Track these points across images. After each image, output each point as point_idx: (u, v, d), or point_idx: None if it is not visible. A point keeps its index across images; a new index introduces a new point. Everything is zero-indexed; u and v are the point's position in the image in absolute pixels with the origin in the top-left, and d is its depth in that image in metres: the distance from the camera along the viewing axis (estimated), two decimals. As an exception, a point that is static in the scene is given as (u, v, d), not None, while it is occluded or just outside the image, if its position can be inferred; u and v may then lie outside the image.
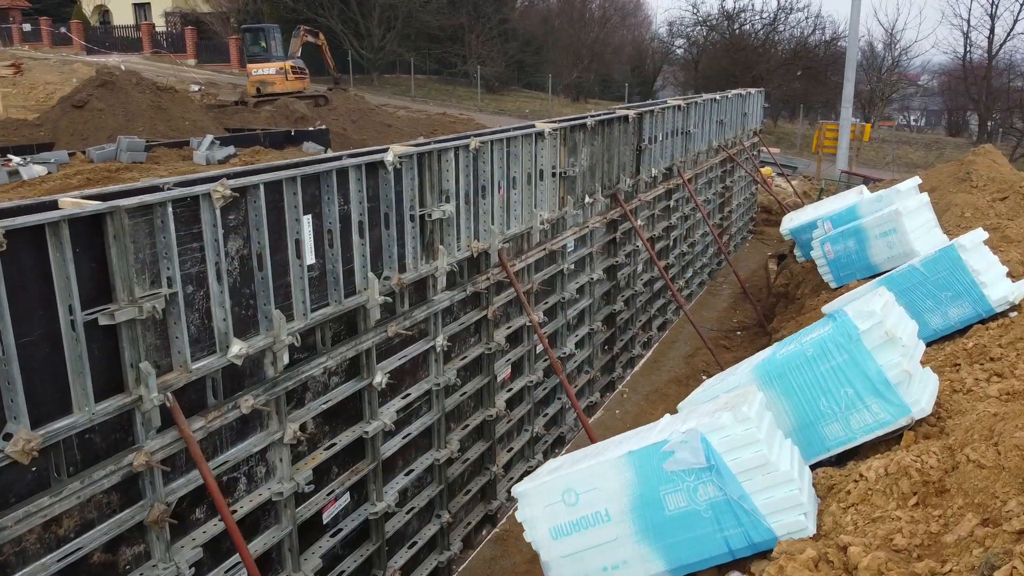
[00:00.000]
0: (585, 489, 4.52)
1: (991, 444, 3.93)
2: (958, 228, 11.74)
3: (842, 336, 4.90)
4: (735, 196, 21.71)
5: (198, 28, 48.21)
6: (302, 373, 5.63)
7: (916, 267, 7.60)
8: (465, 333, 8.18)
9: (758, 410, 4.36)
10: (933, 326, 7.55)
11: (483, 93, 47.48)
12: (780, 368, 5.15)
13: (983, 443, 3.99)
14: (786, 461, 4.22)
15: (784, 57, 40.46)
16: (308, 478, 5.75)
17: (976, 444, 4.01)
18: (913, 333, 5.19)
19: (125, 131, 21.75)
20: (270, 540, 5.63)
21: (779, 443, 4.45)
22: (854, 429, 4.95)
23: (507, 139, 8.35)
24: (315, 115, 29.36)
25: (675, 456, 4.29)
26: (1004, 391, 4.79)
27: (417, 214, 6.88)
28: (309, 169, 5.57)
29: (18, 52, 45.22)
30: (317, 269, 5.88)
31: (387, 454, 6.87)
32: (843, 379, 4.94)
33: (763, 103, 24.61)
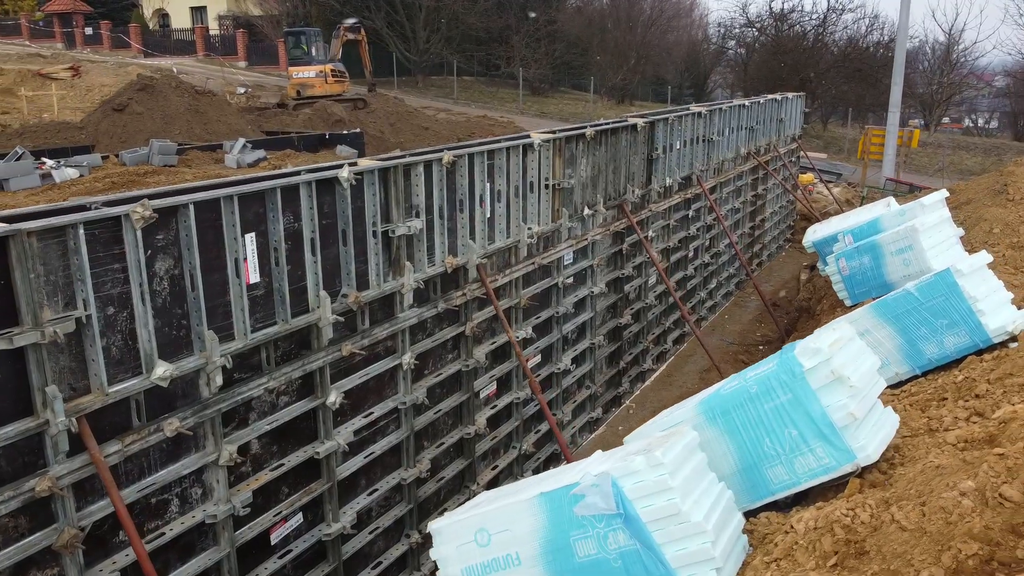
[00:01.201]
0: (497, 530, 4.30)
1: (919, 503, 3.59)
2: (984, 245, 11.12)
3: (786, 374, 4.58)
4: (769, 204, 21.10)
5: (249, 31, 49.18)
6: (239, 394, 5.54)
7: (911, 291, 7.15)
8: (441, 350, 8.02)
9: (678, 454, 4.09)
10: (928, 355, 7.10)
11: (528, 95, 47.28)
12: (724, 405, 4.85)
13: (911, 501, 3.65)
14: (702, 511, 3.94)
15: (834, 59, 39.17)
16: (246, 500, 5.66)
17: (905, 502, 3.67)
18: (869, 371, 4.83)
19: (163, 134, 22.24)
20: (207, 562, 5.56)
21: (702, 489, 4.16)
22: (798, 473, 4.63)
23: (488, 151, 8.16)
24: (353, 118, 29.57)
25: (586, 500, 4.05)
26: (963, 438, 4.40)
27: (380, 230, 6.74)
28: (249, 187, 5.48)
29: (78, 55, 46.81)
30: (263, 288, 5.79)
31: (345, 474, 6.75)
32: (787, 419, 4.62)
33: (803, 108, 23.84)
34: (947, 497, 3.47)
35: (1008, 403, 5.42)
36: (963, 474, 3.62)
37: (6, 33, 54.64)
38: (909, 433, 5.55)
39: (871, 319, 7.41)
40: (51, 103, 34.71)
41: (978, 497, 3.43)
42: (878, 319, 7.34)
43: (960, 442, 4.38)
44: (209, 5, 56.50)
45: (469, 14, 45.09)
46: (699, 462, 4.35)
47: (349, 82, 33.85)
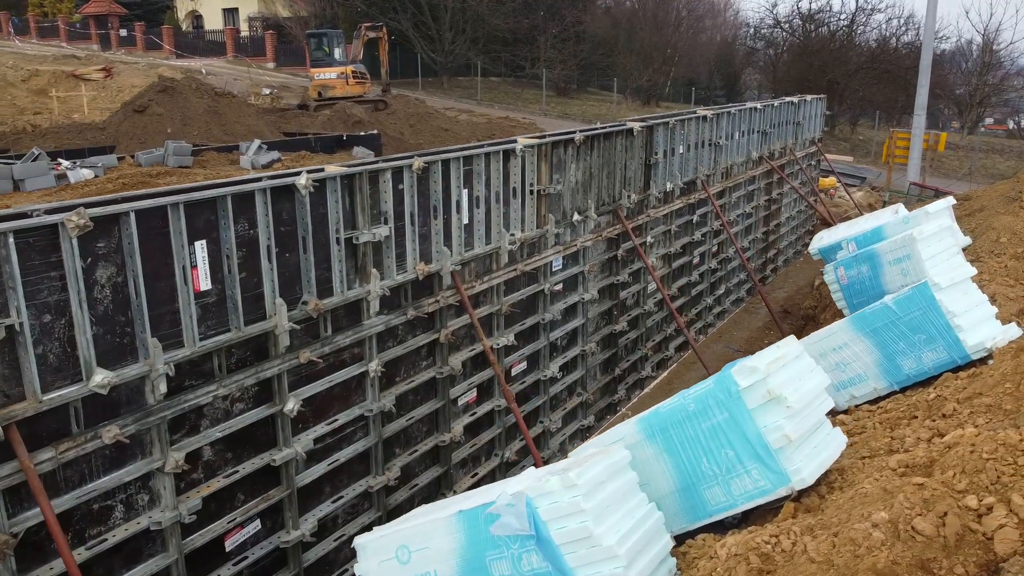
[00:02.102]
0: (417, 547, 4.24)
1: (832, 533, 3.44)
2: (990, 255, 10.81)
3: (722, 392, 4.45)
4: (785, 209, 20.74)
5: (278, 32, 49.72)
6: (186, 402, 5.54)
7: (888, 305, 6.93)
8: (414, 356, 7.97)
9: (596, 475, 3.98)
10: (906, 371, 6.88)
11: (553, 96, 47.12)
12: (663, 423, 4.73)
13: (827, 531, 3.50)
14: (616, 534, 3.83)
15: (862, 60, 38.32)
16: (193, 507, 5.66)
17: (821, 531, 3.53)
18: (813, 391, 4.66)
19: (181, 135, 22.54)
20: (154, 567, 5.57)
21: (624, 511, 4.04)
22: (735, 495, 4.49)
23: (463, 157, 8.09)
24: (373, 120, 29.71)
25: (501, 520, 3.96)
26: (904, 463, 4.21)
27: (343, 237, 6.71)
28: (197, 195, 5.48)
29: (112, 57, 47.73)
30: (214, 295, 5.78)
31: (305, 481, 6.73)
32: (724, 439, 4.49)
33: (823, 110, 23.39)
34: (858, 528, 3.32)
35: (972, 424, 5.22)
36: (880, 504, 3.46)
37: (44, 35, 55.97)
38: (868, 453, 5.37)
39: (849, 332, 7.21)
40: (82, 104, 35.47)
41: (890, 529, 3.28)
42: (856, 332, 7.14)
43: (901, 467, 4.21)
44: (240, 6, 57.27)
45: (494, 15, 45.07)
46: (625, 482, 4.24)
47: (371, 83, 34.03)
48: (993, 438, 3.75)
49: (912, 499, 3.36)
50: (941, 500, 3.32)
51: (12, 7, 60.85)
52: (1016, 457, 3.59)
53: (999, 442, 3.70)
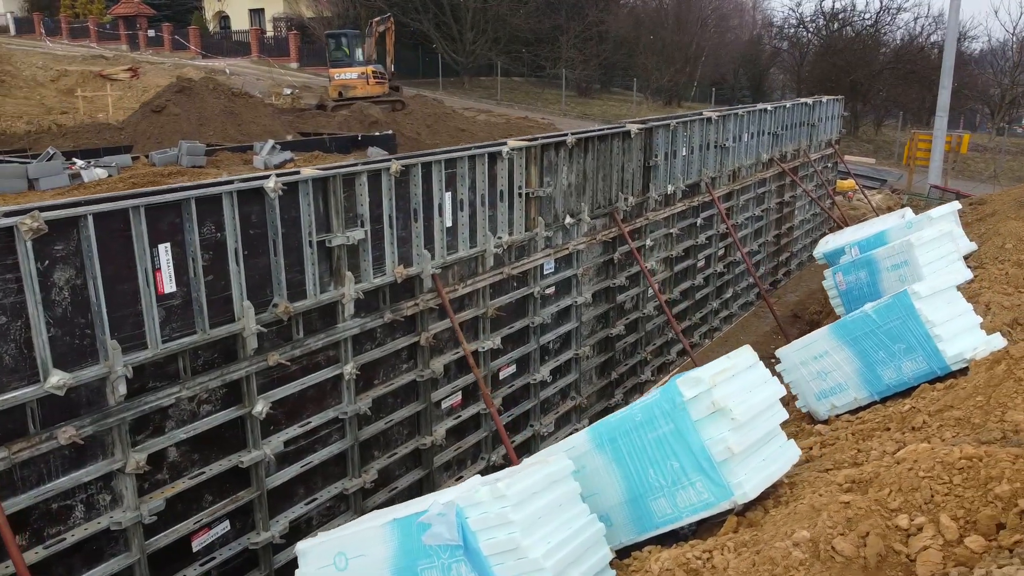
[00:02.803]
0: (355, 554, 4.22)
1: (755, 551, 3.36)
2: (995, 261, 10.57)
3: (668, 403, 4.37)
4: (800, 212, 20.46)
5: (302, 32, 50.14)
6: (147, 403, 5.58)
7: (869, 313, 6.79)
8: (394, 359, 7.97)
9: (528, 486, 3.93)
10: (887, 380, 6.73)
11: (574, 96, 46.99)
12: (612, 432, 4.66)
13: (751, 548, 3.42)
14: (545, 547, 3.78)
15: (887, 60, 37.63)
16: (155, 508, 5.69)
17: (746, 548, 3.45)
18: (763, 403, 4.57)
19: (197, 135, 22.82)
20: (116, 567, 5.62)
21: (558, 523, 3.99)
22: (680, 507, 4.42)
23: (446, 160, 8.07)
24: (389, 120, 29.85)
25: (432, 530, 3.93)
26: (851, 478, 4.10)
27: (315, 240, 6.72)
28: (159, 198, 5.51)
29: (139, 57, 48.46)
30: (179, 297, 5.82)
31: (277, 483, 6.75)
32: (669, 451, 4.42)
33: (841, 111, 23.03)
34: (779, 547, 3.24)
35: (939, 438, 5.09)
36: (806, 521, 3.37)
37: (76, 36, 57.01)
38: (832, 466, 5.26)
39: (830, 341, 7.07)
40: (107, 104, 36.06)
41: (810, 549, 3.19)
42: (837, 341, 7.00)
43: (848, 482, 4.10)
44: (267, 7, 57.90)
45: (515, 15, 45.04)
46: (565, 493, 4.18)
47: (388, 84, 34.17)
48: (932, 455, 3.63)
49: (835, 517, 3.27)
50: (864, 519, 3.22)
51: (45, 8, 62.12)
52: (952, 475, 3.48)
53: (937, 459, 3.58)
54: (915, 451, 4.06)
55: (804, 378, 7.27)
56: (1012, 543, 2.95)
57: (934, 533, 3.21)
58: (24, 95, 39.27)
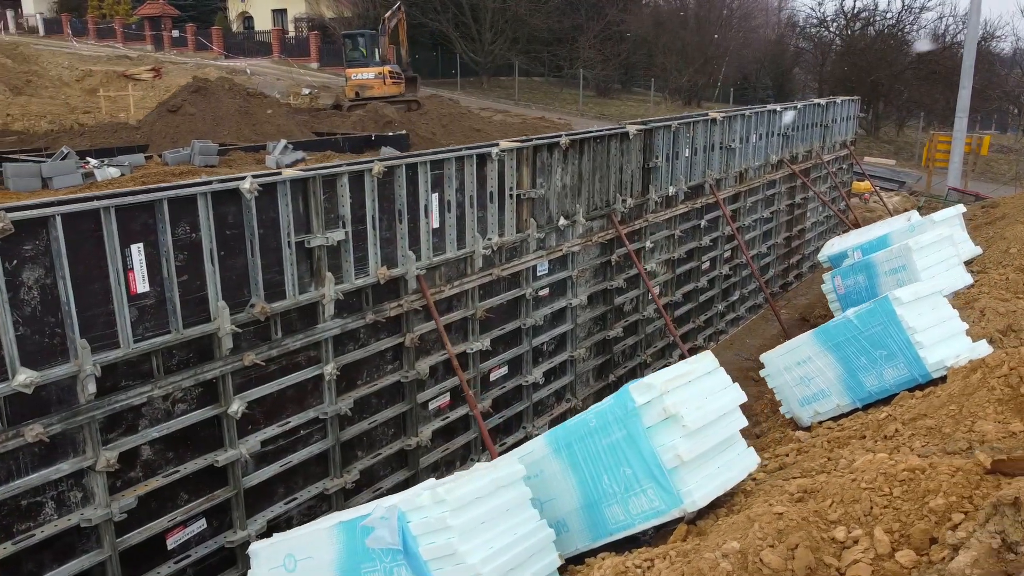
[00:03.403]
0: (303, 556, 4.23)
1: (686, 562, 3.31)
2: (998, 266, 10.37)
3: (620, 409, 4.34)
4: (813, 213, 20.22)
5: (323, 33, 50.48)
6: (117, 402, 5.63)
7: (851, 319, 6.68)
8: (379, 360, 7.98)
9: (471, 491, 3.92)
10: (868, 387, 6.62)
11: (593, 96, 46.85)
12: (568, 437, 4.64)
13: (683, 559, 3.37)
14: (483, 553, 3.76)
15: (909, 61, 37.03)
16: (126, 506, 5.75)
17: (679, 559, 3.40)
18: (719, 410, 4.51)
19: (213, 135, 23.04)
20: (87, 563, 5.68)
21: (502, 529, 3.97)
22: (632, 514, 4.38)
23: (431, 161, 8.07)
24: (404, 120, 29.94)
25: (375, 533, 3.93)
26: (804, 487, 4.03)
27: (294, 241, 6.75)
28: (131, 199, 5.57)
29: (163, 57, 49.09)
30: (153, 297, 5.87)
31: (254, 482, 6.79)
32: (622, 457, 4.38)
33: (857, 112, 22.73)
34: (708, 558, 3.19)
35: (908, 447, 5.00)
36: (739, 532, 3.32)
37: (102, 36, 57.90)
38: (799, 474, 5.18)
39: (812, 346, 6.97)
40: (129, 104, 36.57)
41: (739, 560, 3.14)
42: (819, 346, 6.90)
43: (800, 492, 4.03)
44: (289, 7, 58.40)
45: (534, 15, 44.99)
46: (513, 498, 4.16)
47: (405, 84, 34.26)
48: (877, 466, 3.56)
49: (766, 529, 3.21)
50: (795, 531, 3.16)
51: (74, 10, 63.17)
52: (893, 487, 3.41)
53: (880, 471, 3.51)
54: (869, 461, 3.98)
55: (788, 384, 7.17)
56: (941, 558, 2.88)
57: (867, 547, 3.14)
58: (50, 95, 39.97)
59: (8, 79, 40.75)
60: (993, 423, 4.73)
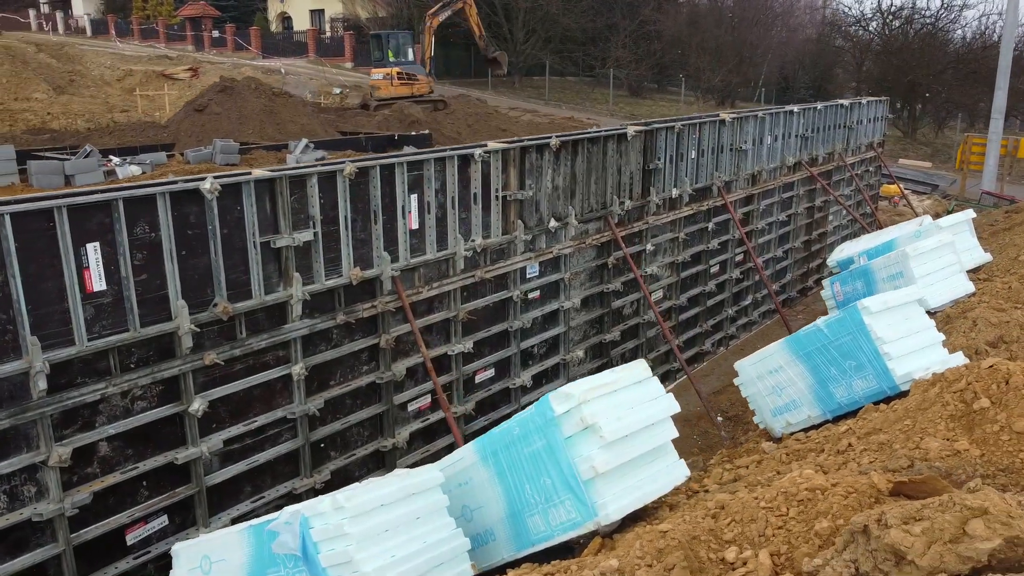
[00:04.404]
0: (217, 558, 4.23)
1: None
2: (1006, 273, 10.00)
3: (541, 418, 4.25)
4: (835, 217, 19.74)
5: (357, 33, 50.93)
6: (68, 399, 5.71)
7: (821, 328, 6.48)
8: (353, 361, 7.98)
9: (374, 497, 3.87)
10: (838, 399, 6.42)
11: (625, 96, 46.50)
12: (495, 445, 4.57)
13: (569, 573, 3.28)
14: (380, 562, 3.70)
15: (948, 60, 35.90)
16: (81, 501, 5.82)
17: (563, 573, 3.31)
18: (646, 420, 4.39)
19: (237, 133, 23.39)
20: (41, 557, 5.77)
21: (407, 537, 3.91)
22: (552, 525, 4.29)
23: (408, 163, 8.04)
24: (430, 119, 30.04)
25: (279, 538, 3.90)
26: (721, 504, 3.89)
27: (258, 241, 6.78)
28: (84, 199, 5.63)
29: (202, 57, 50.00)
30: (110, 295, 5.94)
31: (218, 480, 6.83)
32: (542, 467, 4.29)
33: (885, 113, 22.14)
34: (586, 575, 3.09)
35: (856, 463, 4.83)
36: (623, 549, 3.21)
37: (146, 37, 59.18)
38: (745, 488, 5.03)
39: (784, 355, 6.78)
40: (165, 103, 37.32)
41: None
42: (791, 355, 6.71)
43: (717, 507, 3.90)
44: (326, 7, 59.02)
45: (565, 15, 44.80)
46: (424, 506, 4.10)
47: (428, 83, 34.22)
48: (783, 484, 3.42)
49: (647, 547, 3.10)
50: (675, 551, 3.04)
51: (119, 11, 64.74)
52: (790, 507, 3.26)
53: (781, 489, 3.37)
54: (792, 478, 3.83)
55: (760, 393, 6.99)
56: (816, 585, 2.74)
57: (752, 569, 3.01)
58: (91, 94, 41.00)
59: (52, 78, 41.92)
60: (941, 440, 4.53)
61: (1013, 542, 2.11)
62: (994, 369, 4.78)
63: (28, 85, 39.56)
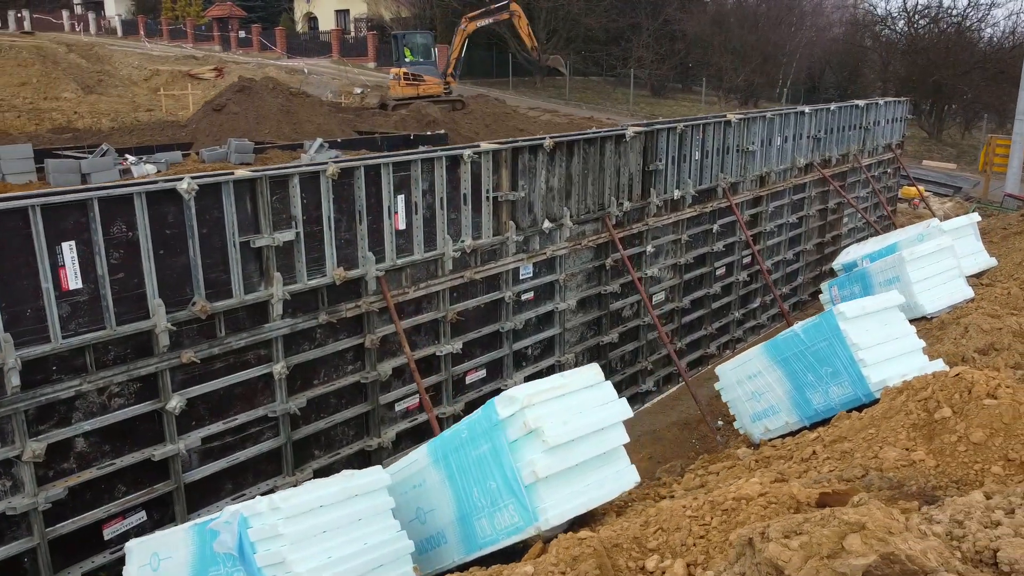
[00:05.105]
0: (165, 556, 4.27)
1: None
2: (1008, 278, 9.79)
3: (487, 421, 4.24)
4: (850, 219, 19.45)
5: (381, 33, 51.22)
6: (43, 395, 5.80)
7: (798, 333, 6.39)
8: (338, 360, 8.02)
9: (312, 498, 3.88)
10: (815, 405, 6.33)
11: (647, 96, 46.25)
12: (445, 448, 4.56)
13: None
14: (312, 563, 3.71)
15: (975, 60, 35.12)
16: (55, 496, 5.92)
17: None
18: (594, 425, 4.35)
19: (254, 133, 23.63)
20: (17, 550, 5.87)
21: (346, 539, 3.92)
22: (497, 529, 4.28)
23: (396, 163, 8.06)
24: (448, 119, 30.11)
25: (220, 538, 3.93)
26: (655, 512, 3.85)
27: (238, 241, 6.84)
28: (58, 198, 5.72)
29: (227, 57, 50.59)
30: (87, 294, 6.02)
31: (197, 477, 6.90)
32: (488, 470, 4.28)
33: (906, 114, 21.77)
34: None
35: (816, 471, 4.75)
36: (543, 556, 3.19)
37: (175, 37, 60.04)
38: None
39: (763, 360, 6.70)
40: (189, 102, 37.84)
41: (528, 587, 3.02)
42: (769, 361, 6.62)
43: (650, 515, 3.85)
44: (351, 8, 59.45)
45: (587, 15, 44.65)
46: (367, 508, 4.11)
47: (438, 83, 34.26)
48: (707, 495, 3.37)
49: (562, 554, 3.08)
50: (588, 559, 3.01)
51: (150, 11, 65.76)
52: (714, 517, 3.21)
53: (707, 499, 3.32)
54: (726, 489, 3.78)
55: (740, 398, 6.91)
56: (723, 597, 2.69)
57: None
58: (118, 93, 41.72)
59: (81, 78, 42.74)
60: (900, 449, 4.44)
61: (889, 559, 2.06)
62: (959, 378, 4.68)
63: (57, 85, 40.38)
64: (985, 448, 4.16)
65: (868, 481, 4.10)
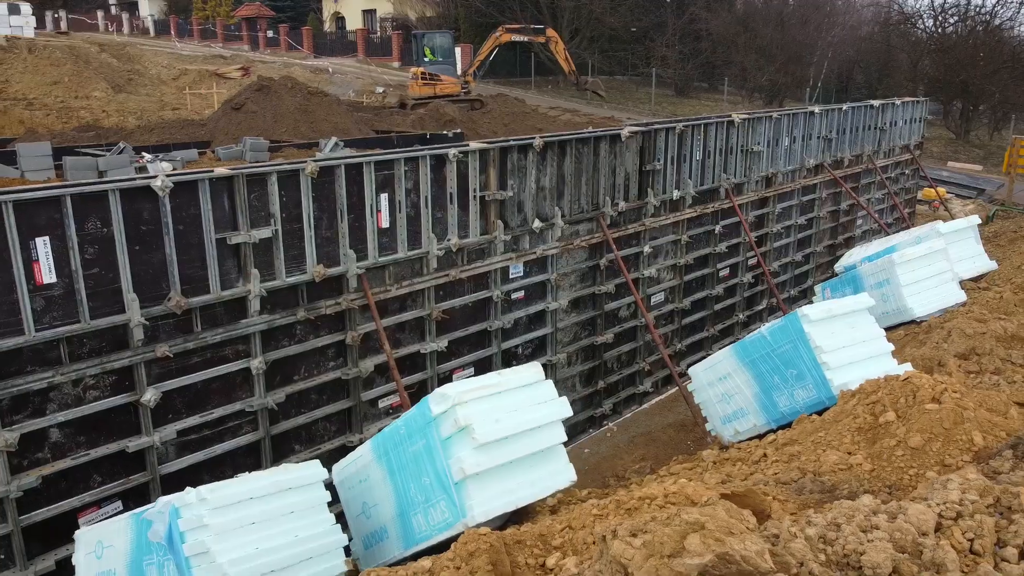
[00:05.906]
0: (108, 544, 4.38)
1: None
2: (1005, 283, 9.61)
3: (421, 418, 4.28)
4: (864, 221, 19.17)
5: (406, 33, 51.50)
6: (14, 386, 5.96)
7: (764, 335, 6.33)
8: (318, 356, 8.11)
9: (241, 491, 3.95)
10: (781, 408, 6.27)
11: (671, 95, 45.96)
12: (386, 444, 4.61)
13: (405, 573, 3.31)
14: (235, 554, 3.78)
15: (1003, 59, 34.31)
16: (28, 485, 6.07)
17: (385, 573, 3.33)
18: (531, 423, 4.37)
19: (271, 131, 23.89)
20: (-10, 537, 6.04)
21: (273, 532, 3.99)
22: (431, 524, 4.32)
23: (378, 162, 8.13)
24: (466, 119, 30.19)
25: (153, 527, 4.02)
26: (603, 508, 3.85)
27: (214, 237, 6.95)
28: (31, 195, 5.87)
29: (254, 57, 51.25)
30: (61, 288, 6.17)
31: (173, 468, 7.03)
32: (423, 467, 4.32)
33: (924, 114, 21.38)
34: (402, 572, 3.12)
35: (762, 474, 4.73)
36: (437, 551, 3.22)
37: (205, 37, 60.97)
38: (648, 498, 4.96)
39: (732, 361, 6.65)
40: (214, 101, 38.38)
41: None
42: (738, 362, 6.58)
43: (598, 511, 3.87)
44: (378, 7, 59.88)
45: (611, 14, 44.48)
46: (301, 501, 4.17)
47: (454, 83, 34.34)
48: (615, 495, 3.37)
49: (460, 550, 3.11)
50: (483, 554, 3.04)
51: (182, 12, 66.84)
52: (617, 516, 3.22)
53: (615, 499, 3.32)
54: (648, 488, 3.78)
55: (711, 400, 6.87)
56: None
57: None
58: (147, 92, 42.44)
59: (112, 77, 43.52)
60: (841, 453, 4.41)
61: (725, 559, 2.05)
62: (907, 382, 4.63)
63: (88, 84, 41.17)
64: (922, 453, 4.11)
65: (801, 485, 4.07)
